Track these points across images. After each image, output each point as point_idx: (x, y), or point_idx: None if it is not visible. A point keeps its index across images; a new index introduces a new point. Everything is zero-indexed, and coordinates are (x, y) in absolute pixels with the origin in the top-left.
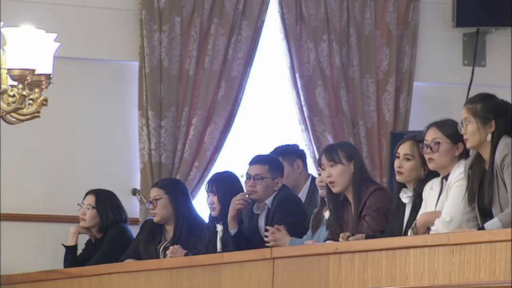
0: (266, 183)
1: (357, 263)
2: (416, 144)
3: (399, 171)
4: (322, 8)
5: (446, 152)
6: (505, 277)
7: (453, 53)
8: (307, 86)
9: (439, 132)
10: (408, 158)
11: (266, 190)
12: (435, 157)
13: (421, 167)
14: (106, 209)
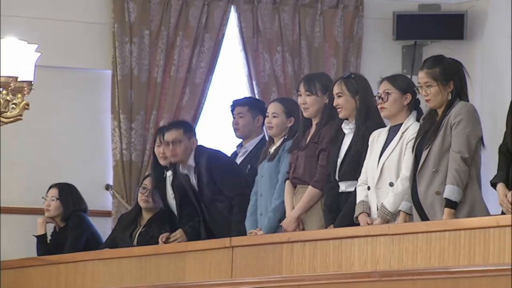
0: (184, 145)
1: (308, 251)
2: (343, 81)
3: (338, 109)
4: (276, 22)
5: (395, 101)
6: (439, 264)
7: (393, 63)
8: (263, 92)
9: (389, 84)
10: (339, 95)
11: (185, 152)
12: (386, 106)
13: (353, 99)
14: (68, 200)
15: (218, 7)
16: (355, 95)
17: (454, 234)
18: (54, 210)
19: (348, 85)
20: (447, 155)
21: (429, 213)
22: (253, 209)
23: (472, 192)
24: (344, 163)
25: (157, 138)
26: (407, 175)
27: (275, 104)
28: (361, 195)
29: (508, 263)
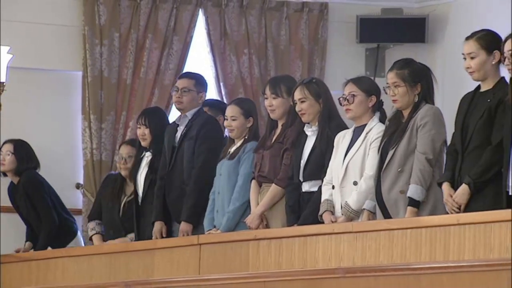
0: (192, 95)
1: (273, 249)
2: (305, 86)
3: (301, 114)
4: (243, 25)
5: (360, 103)
6: (401, 260)
7: (357, 66)
8: (230, 94)
9: (355, 86)
10: (302, 100)
11: (191, 102)
12: (352, 107)
13: (316, 103)
14: (22, 156)
15: (186, 10)
16: (318, 99)
17: (415, 231)
18: (8, 165)
19: (311, 90)
20: (412, 156)
21: (392, 211)
22: (211, 208)
23: (435, 193)
24: (308, 164)
25: (138, 120)
26: (371, 174)
27: (232, 107)
28: (326, 194)
29: (469, 260)
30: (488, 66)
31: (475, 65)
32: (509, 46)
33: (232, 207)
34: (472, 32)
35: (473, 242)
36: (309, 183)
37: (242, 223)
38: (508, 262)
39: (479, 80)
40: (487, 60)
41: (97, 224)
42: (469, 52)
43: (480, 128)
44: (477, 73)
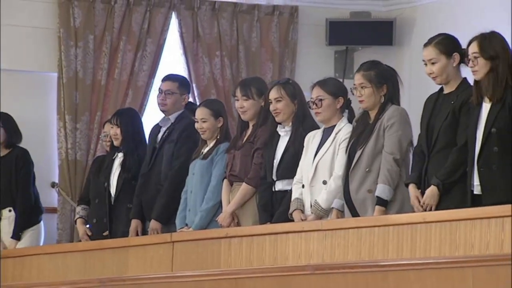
0: (175, 98)
1: (245, 246)
2: (282, 86)
3: (276, 113)
4: (216, 28)
5: (328, 106)
6: (369, 258)
7: (326, 67)
8: (203, 95)
9: (322, 90)
10: (278, 100)
11: (175, 105)
12: (321, 111)
13: (292, 103)
14: (11, 128)
15: (160, 13)
16: (294, 100)
17: (383, 229)
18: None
19: (287, 90)
20: (380, 156)
21: (360, 210)
22: (183, 207)
23: (402, 192)
24: (281, 163)
25: (111, 120)
26: (340, 174)
27: (201, 109)
28: (296, 193)
29: (435, 257)
30: (450, 69)
31: (437, 70)
32: (473, 49)
33: (205, 206)
34: (429, 38)
35: (439, 239)
36: (283, 182)
37: (214, 221)
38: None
39: (442, 83)
40: (448, 64)
41: (82, 209)
42: (429, 58)
43: (445, 129)
44: (440, 77)
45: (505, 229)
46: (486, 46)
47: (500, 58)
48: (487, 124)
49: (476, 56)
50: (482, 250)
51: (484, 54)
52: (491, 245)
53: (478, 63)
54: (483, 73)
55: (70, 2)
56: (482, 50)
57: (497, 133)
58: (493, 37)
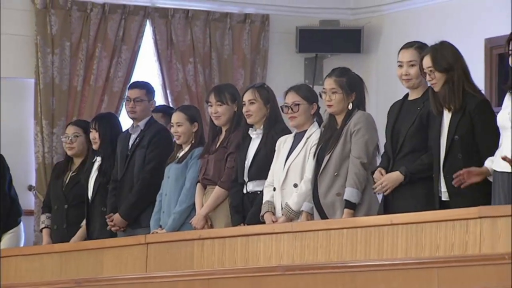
0: (144, 104)
1: (217, 248)
2: (257, 89)
3: (248, 115)
4: (189, 35)
5: (304, 111)
6: (338, 259)
7: (296, 74)
8: (176, 100)
9: (298, 95)
10: (252, 102)
11: (144, 111)
12: (296, 116)
13: (264, 107)
14: None
15: (135, 21)
16: (267, 104)
17: (351, 231)
18: None
19: (262, 94)
20: (347, 160)
21: (329, 213)
22: (158, 209)
23: (370, 195)
24: (252, 164)
25: (91, 124)
26: (310, 177)
27: (177, 113)
28: (267, 196)
29: (402, 258)
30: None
31: (414, 73)
32: (427, 63)
33: (178, 209)
34: (409, 42)
35: (406, 241)
36: (253, 183)
37: (188, 223)
38: (438, 260)
39: (413, 87)
40: None
41: (47, 217)
42: (409, 60)
43: (412, 134)
44: (414, 80)
45: (469, 231)
46: (439, 59)
47: (454, 68)
48: (450, 132)
49: (432, 70)
50: (447, 252)
51: (438, 67)
52: (455, 247)
53: (435, 76)
54: (441, 85)
55: (47, 10)
56: (436, 63)
57: (460, 140)
58: (443, 48)
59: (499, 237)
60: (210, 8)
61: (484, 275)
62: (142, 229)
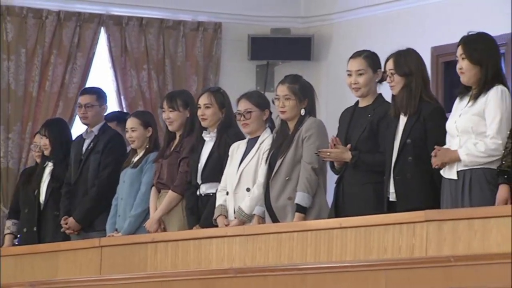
0: (95, 110)
1: (170, 250)
2: (212, 94)
3: (203, 118)
4: (143, 42)
5: (256, 118)
6: (289, 261)
7: (248, 81)
8: (130, 106)
9: (249, 102)
10: (207, 106)
11: (96, 116)
12: (249, 123)
13: (219, 111)
14: None
15: (89, 28)
16: (222, 108)
17: (302, 234)
18: None
19: (217, 98)
20: (299, 165)
21: (280, 216)
22: (113, 213)
23: (320, 199)
24: (206, 167)
25: (40, 131)
26: (262, 182)
27: (131, 119)
28: (220, 200)
29: (351, 260)
30: (373, 83)
31: (363, 82)
32: (389, 66)
33: (134, 212)
34: (357, 51)
35: (354, 244)
36: (206, 185)
37: (142, 227)
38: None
39: (362, 96)
40: (373, 77)
41: (12, 224)
42: (358, 69)
43: (363, 141)
44: (363, 89)
45: (416, 234)
46: (401, 63)
47: (414, 74)
48: (403, 135)
49: (392, 72)
50: (394, 254)
51: (399, 71)
52: (403, 249)
53: (394, 79)
54: (399, 88)
55: (3, 17)
56: (397, 67)
57: (412, 143)
58: (408, 55)
59: (444, 240)
60: (163, 16)
61: (430, 277)
62: (96, 232)
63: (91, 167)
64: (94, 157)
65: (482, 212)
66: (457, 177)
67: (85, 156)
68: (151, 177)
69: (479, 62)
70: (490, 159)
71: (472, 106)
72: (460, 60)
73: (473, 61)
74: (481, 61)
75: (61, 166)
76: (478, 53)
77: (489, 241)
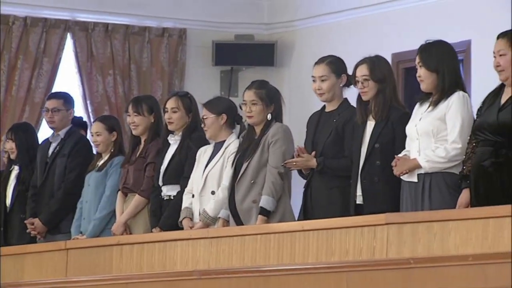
0: (62, 114)
1: (135, 253)
2: (180, 98)
3: (169, 122)
4: (109, 48)
5: (212, 124)
6: (252, 263)
7: (213, 86)
8: (96, 111)
9: (207, 110)
10: (174, 110)
11: (62, 121)
12: (207, 128)
13: (186, 115)
14: None
15: (56, 34)
16: (189, 113)
17: (265, 237)
18: None
19: (184, 102)
20: (264, 169)
21: (245, 219)
22: (78, 216)
23: (284, 203)
24: (167, 169)
25: (7, 135)
26: (227, 185)
27: (96, 124)
28: (186, 203)
29: (313, 263)
30: (336, 88)
31: (326, 87)
32: (362, 72)
33: (99, 215)
34: (321, 57)
35: (317, 246)
36: (167, 187)
37: (107, 230)
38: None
39: (327, 101)
40: (336, 83)
41: None
42: (321, 75)
43: (329, 145)
44: (326, 94)
45: (377, 237)
46: (376, 70)
47: (387, 80)
48: (371, 140)
49: (366, 78)
50: (355, 256)
51: (374, 77)
52: (364, 252)
53: (368, 85)
54: (372, 94)
55: None
56: (372, 73)
57: (380, 148)
58: (380, 61)
59: (404, 242)
60: (129, 22)
61: (391, 279)
62: (62, 235)
63: (58, 170)
64: (60, 160)
65: (441, 215)
66: (417, 179)
67: (51, 159)
68: (116, 180)
69: (436, 69)
70: (451, 164)
71: (432, 110)
72: (418, 68)
73: (430, 68)
74: (437, 68)
75: (27, 170)
76: (435, 61)
77: (448, 243)
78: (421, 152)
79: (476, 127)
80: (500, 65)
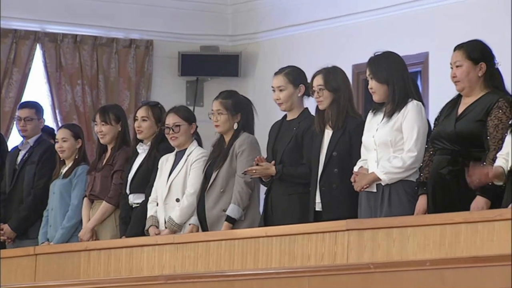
0: (34, 123)
1: (103, 258)
2: (150, 108)
3: (139, 131)
4: (77, 59)
5: (184, 131)
6: (217, 268)
7: (179, 96)
8: (65, 120)
9: (177, 117)
10: (144, 119)
11: (34, 129)
12: (178, 136)
13: (155, 125)
14: None
15: (25, 44)
16: (158, 122)
17: (229, 243)
18: None
19: (155, 112)
20: (233, 178)
21: (213, 227)
22: (45, 223)
23: (253, 212)
24: (135, 178)
25: None
26: (192, 192)
27: (63, 130)
28: (151, 211)
29: (276, 268)
30: (295, 98)
31: (284, 97)
32: (318, 82)
33: (67, 224)
34: (280, 68)
35: (279, 252)
36: (134, 195)
37: (75, 236)
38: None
39: (286, 110)
40: (294, 93)
41: None
42: (278, 86)
43: (288, 152)
44: (285, 104)
45: (338, 242)
46: (330, 80)
47: (341, 90)
48: (329, 148)
49: (321, 88)
50: (317, 261)
51: (328, 87)
52: (325, 257)
53: (323, 94)
54: (327, 103)
55: None
56: (327, 83)
57: (337, 156)
58: (335, 72)
59: (364, 248)
60: (97, 34)
61: (351, 283)
62: (30, 240)
63: (26, 177)
64: (30, 167)
65: (400, 221)
66: (376, 190)
67: (20, 166)
68: (82, 189)
69: (386, 80)
70: (409, 173)
71: (388, 121)
72: (370, 80)
73: (380, 80)
74: (387, 79)
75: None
76: (384, 72)
77: (406, 249)
78: (379, 162)
79: (434, 136)
80: (457, 76)
